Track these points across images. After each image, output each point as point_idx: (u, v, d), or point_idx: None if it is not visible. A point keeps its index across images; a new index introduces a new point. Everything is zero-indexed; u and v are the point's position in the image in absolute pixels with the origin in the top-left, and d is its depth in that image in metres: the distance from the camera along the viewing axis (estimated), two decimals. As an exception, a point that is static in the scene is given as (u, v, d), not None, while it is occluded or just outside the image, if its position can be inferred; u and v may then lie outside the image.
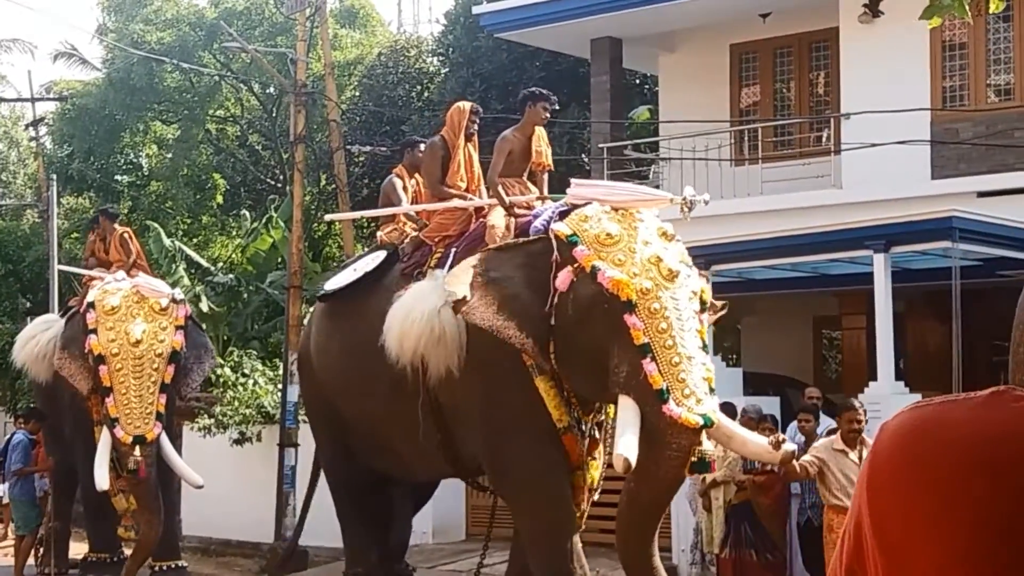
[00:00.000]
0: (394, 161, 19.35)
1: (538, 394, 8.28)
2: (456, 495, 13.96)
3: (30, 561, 14.48)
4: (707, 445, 7.45)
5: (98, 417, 11.64)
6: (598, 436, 8.70)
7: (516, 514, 9.16)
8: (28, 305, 25.99)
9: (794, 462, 8.52)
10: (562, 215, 8.36)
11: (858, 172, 14.85)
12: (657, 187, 13.06)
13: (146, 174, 29.24)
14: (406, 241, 9.93)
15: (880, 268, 12.33)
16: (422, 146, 10.32)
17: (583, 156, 19.32)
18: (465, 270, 8.29)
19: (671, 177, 16.07)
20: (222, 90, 28.11)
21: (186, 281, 20.97)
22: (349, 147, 20.18)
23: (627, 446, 7.30)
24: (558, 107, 9.87)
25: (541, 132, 9.55)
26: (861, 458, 9.01)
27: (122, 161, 29.41)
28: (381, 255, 10.03)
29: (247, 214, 25.68)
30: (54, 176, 24.48)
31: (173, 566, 12.62)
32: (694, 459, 7.39)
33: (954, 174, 14.55)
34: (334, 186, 19.63)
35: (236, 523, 16.39)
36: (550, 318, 7.96)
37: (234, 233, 27.44)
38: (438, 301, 8.50)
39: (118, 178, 29.05)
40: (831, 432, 10.99)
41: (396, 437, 9.51)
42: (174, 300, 11.99)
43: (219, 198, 28.96)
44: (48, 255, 22.06)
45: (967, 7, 4.51)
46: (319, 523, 13.84)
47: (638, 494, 7.67)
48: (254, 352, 19.28)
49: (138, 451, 11.10)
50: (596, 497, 8.82)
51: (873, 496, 1.29)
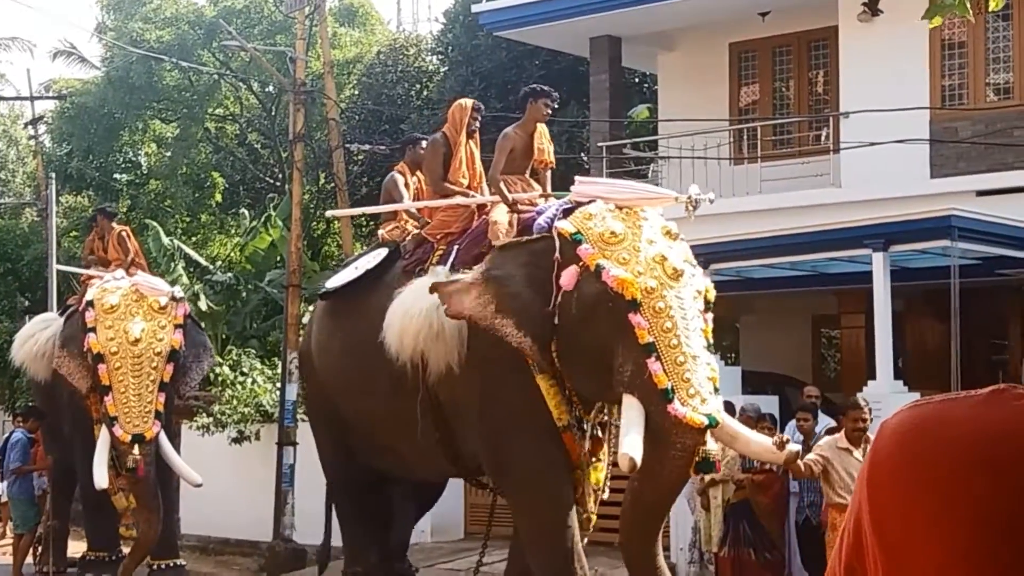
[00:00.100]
0: (393, 160, 19.34)
1: (538, 392, 8.20)
2: (455, 494, 13.94)
3: (29, 560, 14.47)
4: (711, 445, 7.41)
5: (97, 415, 11.63)
6: (601, 436, 8.63)
7: (516, 513, 9.09)
8: (27, 304, 25.97)
9: (798, 461, 8.47)
10: (566, 213, 8.27)
11: (857, 171, 14.85)
12: (656, 186, 13.04)
13: (145, 173, 29.20)
14: (408, 239, 9.86)
15: (879, 267, 12.33)
16: (423, 143, 10.25)
17: (582, 155, 19.31)
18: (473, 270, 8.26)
19: (670, 176, 16.06)
20: (221, 88, 28.09)
21: (185, 280, 20.96)
22: (348, 146, 20.17)
23: (632, 445, 7.24)
24: (557, 106, 9.80)
25: (543, 129, 9.48)
26: (865, 457, 9.00)
27: (121, 160, 29.37)
28: (383, 253, 9.96)
29: (246, 213, 25.68)
30: (53, 174, 24.44)
31: (171, 564, 12.62)
32: (699, 459, 7.35)
33: (953, 173, 14.55)
34: (333, 185, 19.62)
35: (234, 522, 16.39)
36: (552, 317, 7.88)
37: (233, 232, 27.42)
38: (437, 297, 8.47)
39: (117, 176, 29.01)
40: (830, 431, 10.99)
41: (396, 436, 9.41)
42: (174, 298, 11.98)
43: (218, 197, 28.92)
44: (47, 254, 22.04)
45: (968, 6, 4.49)
46: (317, 522, 13.86)
47: (642, 494, 7.63)
48: (253, 351, 19.28)
49: (137, 450, 11.10)
50: (604, 496, 8.73)
51: (873, 494, 1.29)
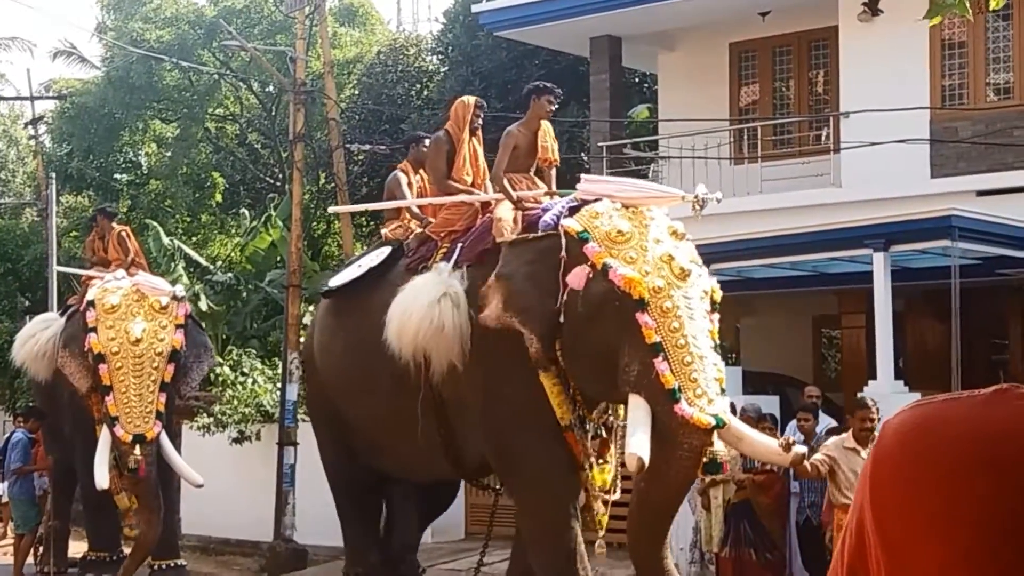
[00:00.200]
0: (393, 160, 19.32)
1: (542, 390, 8.13)
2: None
3: (29, 560, 14.47)
4: (718, 446, 7.36)
5: (98, 415, 11.62)
6: (608, 437, 8.57)
7: (520, 511, 9.03)
8: (27, 304, 25.96)
9: (804, 462, 8.41)
10: (572, 211, 8.20)
11: (857, 171, 14.84)
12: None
13: (145, 173, 29.20)
14: (411, 237, 9.78)
15: (879, 267, 12.33)
16: (426, 142, 10.17)
17: (582, 155, 19.31)
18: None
19: (670, 176, 16.05)
20: (221, 88, 28.08)
21: (185, 280, 20.94)
22: (348, 146, 20.15)
23: (639, 445, 7.19)
24: (557, 105, 9.75)
25: (547, 127, 9.38)
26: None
27: (121, 160, 29.37)
28: (386, 251, 9.88)
29: (246, 213, 25.67)
30: (53, 175, 24.45)
31: (172, 565, 12.62)
32: (706, 459, 7.31)
33: (953, 173, 14.54)
34: (333, 185, 19.61)
35: (235, 522, 16.38)
36: (558, 315, 7.80)
37: (233, 232, 27.41)
38: (437, 292, 8.38)
39: (117, 177, 29.01)
40: (831, 431, 10.99)
41: (398, 436, 9.30)
42: (175, 298, 11.96)
43: (218, 197, 28.92)
44: (47, 254, 22.05)
45: (968, 5, 4.49)
46: (318, 522, 13.86)
47: (649, 495, 7.58)
48: (253, 351, 19.27)
49: (138, 450, 11.08)
50: (614, 497, 8.60)
51: (875, 494, 1.28)
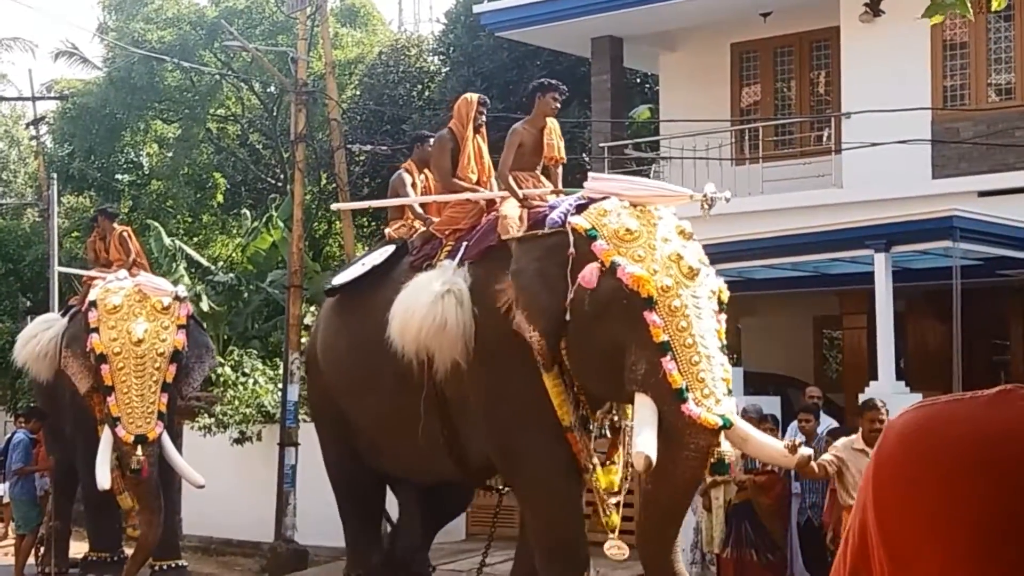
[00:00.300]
0: (395, 160, 19.32)
1: (544, 390, 8.06)
2: (456, 494, 13.91)
3: (30, 560, 14.48)
4: (726, 446, 7.30)
5: (100, 416, 11.62)
6: (615, 438, 8.52)
7: (525, 512, 9.00)
8: (28, 304, 25.97)
9: (812, 463, 8.32)
10: (579, 209, 8.13)
11: (859, 171, 14.84)
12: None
13: (147, 173, 29.22)
14: (415, 235, 9.69)
15: (881, 267, 12.32)
16: (431, 141, 10.07)
17: (584, 155, 19.31)
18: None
19: (671, 176, 16.05)
20: (223, 89, 28.09)
21: (186, 280, 20.96)
22: (350, 146, 20.15)
23: (646, 443, 7.12)
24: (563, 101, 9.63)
25: (554, 125, 9.29)
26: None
27: (123, 160, 29.40)
28: (389, 249, 9.80)
29: (247, 213, 25.67)
30: (55, 175, 24.46)
31: (173, 565, 12.62)
32: (713, 460, 7.25)
33: (955, 173, 14.54)
34: (335, 185, 19.61)
35: (236, 522, 16.38)
36: (564, 313, 7.73)
37: (234, 232, 27.41)
38: (441, 289, 8.31)
39: (119, 177, 29.04)
40: (832, 432, 10.98)
41: (401, 436, 9.19)
42: (177, 298, 11.95)
43: (219, 197, 28.93)
44: (48, 254, 22.06)
45: (969, 5, 4.48)
46: (319, 522, 13.86)
47: (656, 496, 7.51)
48: (254, 351, 19.27)
49: (140, 450, 11.09)
50: (617, 499, 8.44)
51: (878, 494, 1.28)
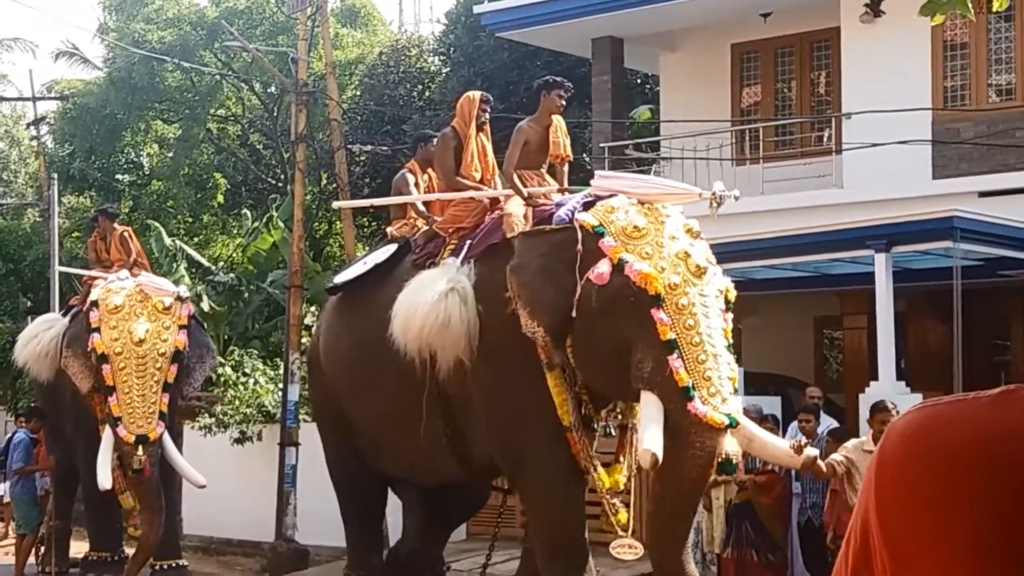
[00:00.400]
0: (395, 160, 19.31)
1: (547, 389, 8.04)
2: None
3: (31, 560, 14.48)
4: (733, 445, 7.25)
5: (101, 416, 11.62)
6: (622, 437, 8.50)
7: (527, 510, 8.99)
8: (29, 304, 25.97)
9: (819, 462, 8.22)
10: (586, 206, 8.09)
11: (859, 172, 14.84)
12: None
13: (147, 173, 29.21)
14: (418, 234, 9.65)
15: (881, 268, 12.32)
16: (435, 140, 10.03)
17: (584, 155, 19.31)
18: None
19: (672, 177, 16.01)
20: (223, 89, 28.09)
21: (187, 280, 20.95)
22: (350, 146, 20.15)
23: (652, 440, 7.08)
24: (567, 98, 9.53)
25: (559, 122, 9.23)
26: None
27: (123, 160, 29.39)
28: (392, 248, 9.75)
29: (248, 213, 25.66)
30: (55, 175, 24.45)
31: (174, 565, 12.63)
32: (722, 459, 7.21)
33: (955, 174, 14.53)
34: (335, 185, 19.60)
35: (237, 522, 16.38)
36: (570, 310, 7.67)
37: (235, 232, 27.40)
38: (445, 286, 8.26)
39: (119, 177, 29.03)
40: (832, 432, 10.99)
41: (404, 436, 9.14)
42: (179, 298, 11.96)
43: (220, 197, 28.92)
44: (49, 254, 22.05)
45: (970, 4, 4.47)
46: (319, 522, 13.86)
47: (664, 496, 7.47)
48: (255, 351, 19.26)
49: (141, 450, 11.09)
50: (616, 500, 8.37)
51: (880, 494, 1.28)
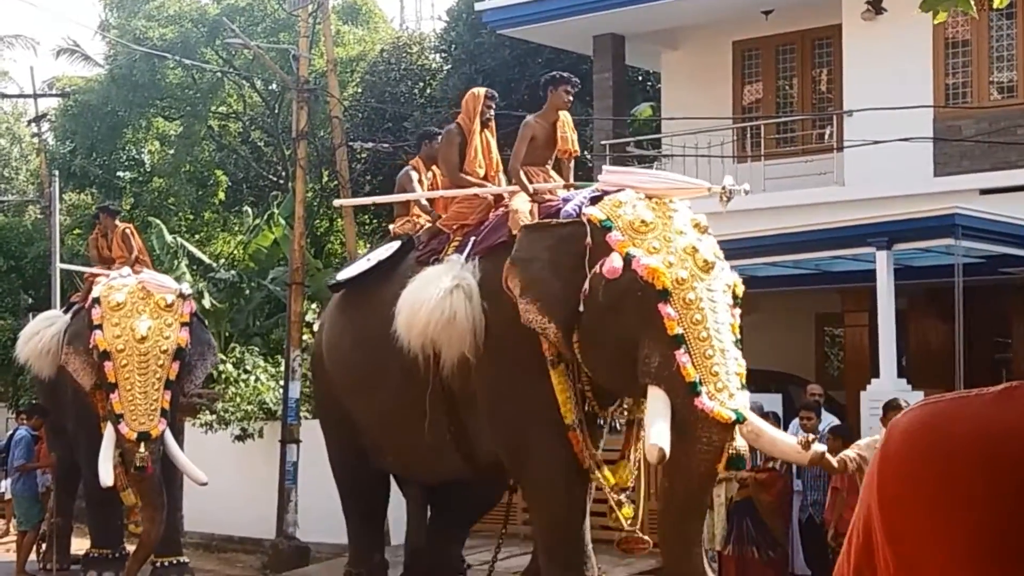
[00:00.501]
0: (396, 158, 19.29)
1: (550, 387, 8.01)
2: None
3: (32, 557, 14.51)
4: (740, 441, 7.20)
5: (102, 412, 11.63)
6: (629, 432, 8.48)
7: (530, 508, 8.99)
8: (30, 301, 25.98)
9: (828, 456, 8.15)
10: (594, 201, 8.05)
11: (861, 169, 14.83)
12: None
13: (148, 170, 29.20)
14: (422, 230, 9.62)
15: (883, 265, 12.31)
16: (439, 138, 9.98)
17: (585, 153, 19.30)
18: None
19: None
20: (224, 86, 28.07)
21: (188, 277, 20.96)
22: (351, 143, 20.13)
23: (659, 435, 7.05)
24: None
25: (566, 117, 9.19)
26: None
27: (124, 157, 29.38)
28: (395, 245, 9.72)
29: (249, 210, 25.64)
30: (56, 172, 24.45)
31: (175, 562, 12.64)
32: (732, 454, 7.15)
33: (957, 171, 14.52)
34: (336, 183, 19.59)
35: (238, 519, 16.38)
36: (578, 304, 7.64)
37: (236, 229, 27.40)
38: (450, 283, 8.23)
39: (120, 174, 29.01)
40: (833, 429, 10.99)
41: (406, 433, 9.11)
42: (181, 295, 11.96)
43: (221, 194, 28.91)
44: (50, 251, 22.06)
45: (971, 1, 4.46)
46: (320, 519, 13.87)
47: (673, 492, 7.44)
48: (256, 348, 19.24)
49: (143, 447, 11.09)
50: (622, 496, 8.37)
51: (882, 491, 1.28)
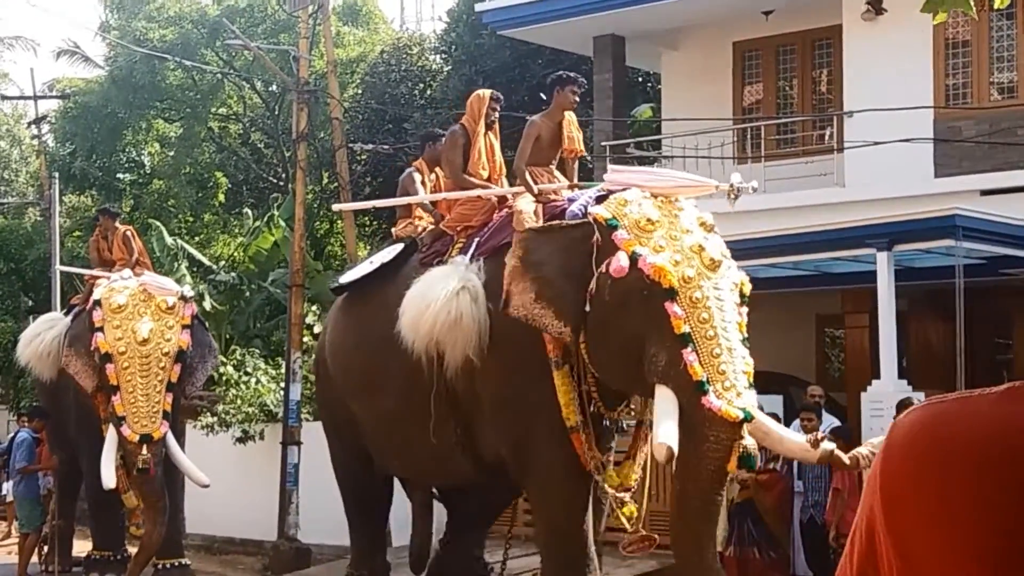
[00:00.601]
0: (397, 159, 19.28)
1: (553, 388, 8.00)
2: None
3: (34, 559, 14.51)
4: (749, 440, 7.16)
5: (104, 415, 11.64)
6: (636, 432, 8.48)
7: (532, 508, 8.99)
8: (30, 304, 25.99)
9: (839, 453, 8.05)
10: (599, 200, 8.03)
11: (861, 170, 14.83)
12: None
13: (148, 172, 29.19)
14: (425, 232, 9.60)
15: (883, 266, 12.32)
16: (443, 140, 9.94)
17: (586, 154, 19.30)
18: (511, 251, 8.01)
19: (674, 175, 16.03)
20: (224, 88, 28.08)
21: (188, 279, 20.96)
22: (351, 145, 20.13)
23: (667, 434, 7.02)
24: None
25: (572, 117, 9.17)
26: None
27: (124, 159, 29.37)
28: (398, 247, 9.71)
29: (249, 212, 25.63)
30: (56, 174, 24.47)
31: (176, 564, 12.64)
32: (742, 453, 7.09)
33: (957, 172, 14.52)
34: (336, 184, 19.60)
35: (239, 521, 16.40)
36: (584, 304, 7.61)
37: (236, 231, 27.38)
38: (456, 285, 8.21)
39: (120, 176, 29.01)
40: (833, 430, 10.99)
41: (410, 435, 9.07)
42: (182, 298, 11.97)
43: (221, 196, 28.91)
44: (50, 253, 22.07)
45: (971, 1, 4.46)
46: (322, 521, 13.87)
47: (684, 493, 7.39)
48: (256, 350, 19.26)
49: (145, 450, 11.10)
50: (624, 495, 8.30)
51: (885, 492, 1.28)
